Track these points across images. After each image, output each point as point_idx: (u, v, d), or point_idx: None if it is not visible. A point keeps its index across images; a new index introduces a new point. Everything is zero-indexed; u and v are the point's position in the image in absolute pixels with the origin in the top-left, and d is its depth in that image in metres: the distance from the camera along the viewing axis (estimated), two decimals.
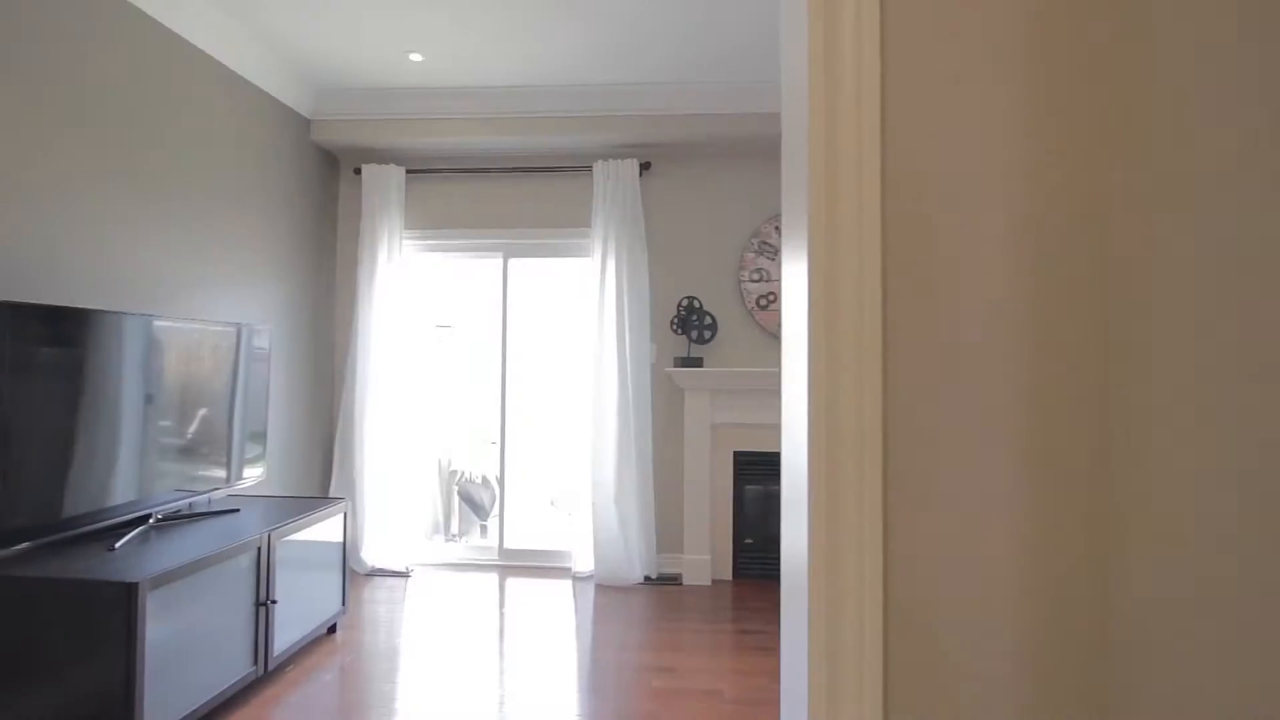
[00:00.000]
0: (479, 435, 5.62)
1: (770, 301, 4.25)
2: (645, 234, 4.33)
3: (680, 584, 4.17)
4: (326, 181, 4.46)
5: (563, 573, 4.35)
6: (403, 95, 4.13)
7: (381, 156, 4.45)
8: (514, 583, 4.17)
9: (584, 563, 4.27)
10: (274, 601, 2.70)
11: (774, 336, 4.27)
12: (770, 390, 4.18)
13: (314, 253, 4.32)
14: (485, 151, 4.38)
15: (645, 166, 4.30)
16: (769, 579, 4.22)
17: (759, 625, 3.53)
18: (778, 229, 4.26)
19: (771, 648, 3.25)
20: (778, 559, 4.24)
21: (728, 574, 4.25)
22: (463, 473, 5.73)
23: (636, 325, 4.21)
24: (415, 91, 4.12)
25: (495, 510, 5.35)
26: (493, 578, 4.26)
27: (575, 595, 3.97)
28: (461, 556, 4.61)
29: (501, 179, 4.47)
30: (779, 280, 4.25)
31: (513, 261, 4.57)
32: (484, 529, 5.64)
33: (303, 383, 4.21)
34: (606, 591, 4.03)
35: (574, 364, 4.49)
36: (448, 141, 4.21)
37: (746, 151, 4.29)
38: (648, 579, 4.21)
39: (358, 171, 4.43)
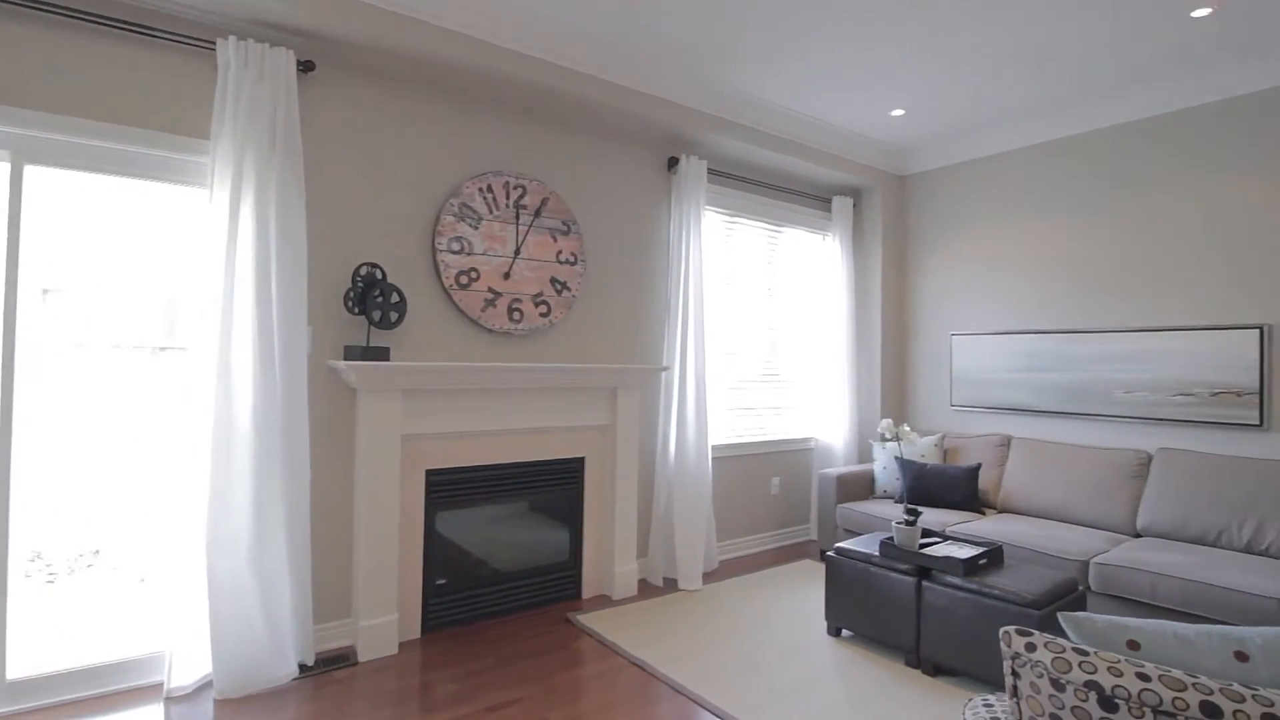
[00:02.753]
0: None
1: (473, 279, 3.38)
2: (306, 168, 2.97)
3: (355, 662, 2.98)
4: None
5: (146, 694, 2.67)
6: None
7: None
8: None
9: (190, 668, 2.70)
10: None
11: (475, 323, 3.42)
12: (486, 390, 3.32)
13: None
14: None
15: (307, 67, 2.93)
16: (470, 623, 3.36)
17: (499, 695, 2.72)
18: (482, 190, 3.42)
19: None
20: (476, 599, 3.41)
21: (417, 631, 3.23)
22: None
23: (289, 299, 2.84)
24: None
25: None
26: None
27: None
28: None
29: (20, 20, 2.47)
30: (484, 254, 3.42)
31: (34, 170, 2.58)
32: None
33: None
34: (235, 709, 2.60)
35: (174, 352, 2.82)
36: None
37: (455, 86, 3.30)
38: (304, 668, 2.89)
39: None
